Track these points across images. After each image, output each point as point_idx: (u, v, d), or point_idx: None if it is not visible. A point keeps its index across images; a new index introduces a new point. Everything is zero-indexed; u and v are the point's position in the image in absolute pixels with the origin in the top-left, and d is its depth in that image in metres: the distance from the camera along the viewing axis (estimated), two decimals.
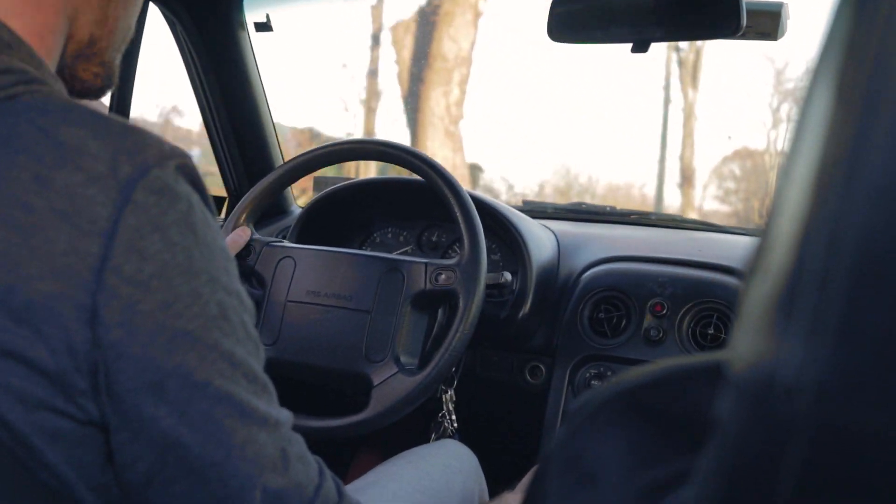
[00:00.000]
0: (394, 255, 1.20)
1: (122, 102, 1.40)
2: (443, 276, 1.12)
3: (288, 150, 1.75)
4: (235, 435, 0.51)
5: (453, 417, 1.29)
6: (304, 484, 0.56)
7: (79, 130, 0.49)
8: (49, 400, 0.48)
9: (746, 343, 0.25)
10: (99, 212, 0.47)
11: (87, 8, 0.61)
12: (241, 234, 1.23)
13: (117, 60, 0.67)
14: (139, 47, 1.39)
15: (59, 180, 0.47)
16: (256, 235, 1.25)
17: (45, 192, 0.47)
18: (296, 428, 0.58)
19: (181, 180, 0.51)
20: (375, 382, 1.09)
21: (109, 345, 0.47)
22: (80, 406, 0.49)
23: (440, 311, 1.18)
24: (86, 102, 0.63)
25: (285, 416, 0.57)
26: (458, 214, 1.14)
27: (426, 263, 1.14)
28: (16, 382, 0.47)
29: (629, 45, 1.14)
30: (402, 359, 1.11)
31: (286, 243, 1.26)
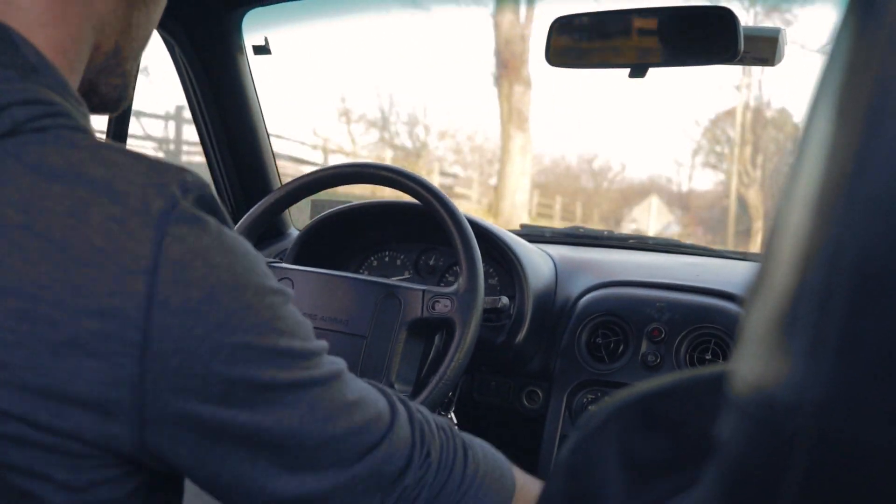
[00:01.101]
0: (391, 281, 1.19)
1: (121, 116, 1.40)
2: (440, 305, 1.11)
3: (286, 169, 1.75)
4: (313, 409, 0.54)
5: None
6: (377, 415, 0.58)
7: (108, 169, 0.49)
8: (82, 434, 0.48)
9: (748, 365, 0.25)
10: (138, 249, 0.47)
11: (112, 17, 0.60)
12: None
13: (135, 70, 0.66)
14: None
15: (95, 216, 0.47)
16: None
17: (82, 228, 0.47)
18: None
19: (203, 208, 0.52)
20: None
21: (167, 372, 0.48)
22: (115, 435, 0.49)
23: (437, 336, 1.17)
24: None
25: (338, 364, 0.58)
26: (457, 240, 1.13)
27: (423, 290, 1.13)
28: (44, 420, 0.47)
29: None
30: (397, 385, 1.10)
31: (284, 264, 1.26)
